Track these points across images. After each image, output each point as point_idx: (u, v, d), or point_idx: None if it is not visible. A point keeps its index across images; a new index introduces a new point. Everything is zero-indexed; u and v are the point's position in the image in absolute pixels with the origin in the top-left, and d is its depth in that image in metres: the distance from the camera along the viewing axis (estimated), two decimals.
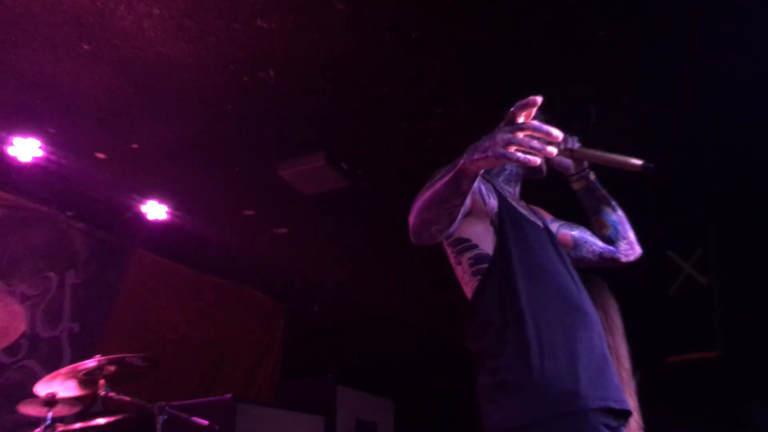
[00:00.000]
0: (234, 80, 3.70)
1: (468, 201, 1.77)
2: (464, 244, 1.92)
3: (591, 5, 3.17)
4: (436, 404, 7.22)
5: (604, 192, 2.35)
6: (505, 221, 1.94)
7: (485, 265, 1.88)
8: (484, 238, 1.92)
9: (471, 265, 1.91)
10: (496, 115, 1.96)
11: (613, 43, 3.40)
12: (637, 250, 2.34)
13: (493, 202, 1.96)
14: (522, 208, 2.15)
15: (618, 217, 2.32)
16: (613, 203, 2.34)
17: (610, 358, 1.90)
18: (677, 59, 3.52)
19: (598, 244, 2.31)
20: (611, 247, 2.30)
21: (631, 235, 2.32)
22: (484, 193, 1.93)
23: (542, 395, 1.68)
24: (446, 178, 1.60)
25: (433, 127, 4.14)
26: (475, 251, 1.91)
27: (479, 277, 1.88)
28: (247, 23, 3.27)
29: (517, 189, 2.29)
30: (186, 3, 3.12)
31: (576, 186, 2.37)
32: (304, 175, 4.57)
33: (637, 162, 2.08)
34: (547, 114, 1.91)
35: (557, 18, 3.26)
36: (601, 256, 2.31)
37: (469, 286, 1.91)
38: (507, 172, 2.25)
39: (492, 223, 1.93)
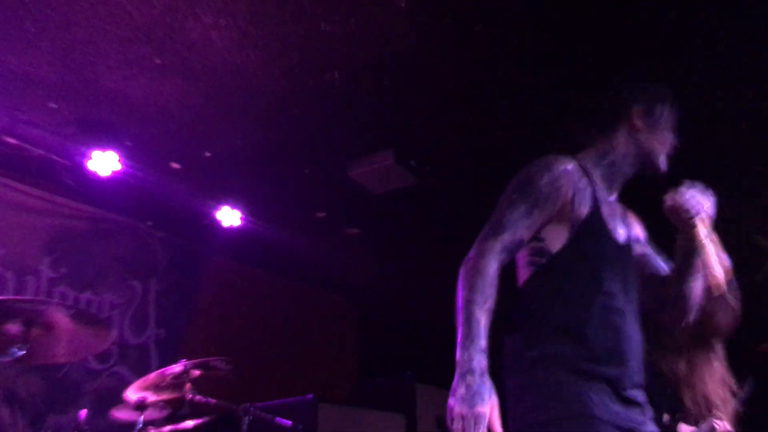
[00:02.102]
0: (300, 84, 3.75)
1: (555, 208, 1.91)
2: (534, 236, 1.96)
3: None
4: None
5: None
6: (584, 233, 1.95)
7: (543, 260, 1.93)
8: (554, 236, 1.95)
9: (530, 254, 1.95)
10: (563, 106, 1.94)
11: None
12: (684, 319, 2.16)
13: (583, 210, 1.96)
14: (613, 215, 2.05)
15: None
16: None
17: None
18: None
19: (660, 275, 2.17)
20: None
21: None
22: (576, 201, 1.95)
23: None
24: (464, 338, 1.69)
25: (500, 121, 4.09)
26: (540, 244, 1.95)
27: (533, 268, 1.94)
28: (310, 27, 3.30)
29: (617, 186, 2.13)
30: (250, 11, 3.17)
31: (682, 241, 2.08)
32: (373, 175, 4.58)
33: (719, 284, 1.88)
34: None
35: (629, 6, 3.17)
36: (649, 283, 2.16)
37: (522, 273, 1.97)
38: (613, 165, 2.10)
39: (572, 228, 1.94)
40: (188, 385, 3.39)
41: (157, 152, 4.42)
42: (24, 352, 2.33)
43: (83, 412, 3.24)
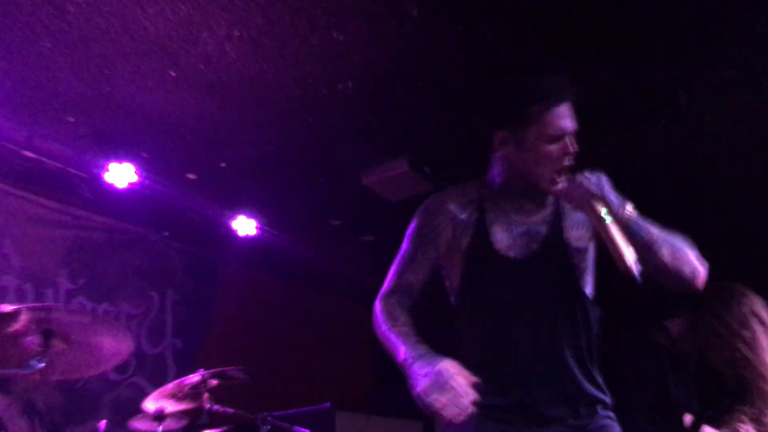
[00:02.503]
0: (313, 94, 3.76)
1: (438, 247, 2.05)
2: (443, 272, 2.12)
3: None
4: None
5: None
6: (471, 262, 2.02)
7: (452, 299, 2.09)
8: (453, 273, 2.08)
9: (448, 294, 2.13)
10: (576, 105, 1.93)
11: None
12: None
13: (465, 241, 2.02)
14: (511, 233, 2.01)
15: None
16: None
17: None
18: None
19: None
20: None
21: None
22: (458, 235, 2.03)
23: None
24: (398, 352, 1.86)
25: None
26: (448, 283, 2.11)
27: (451, 309, 2.10)
28: (323, 37, 3.32)
29: (529, 200, 2.04)
30: (263, 22, 3.20)
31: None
32: (387, 182, 4.59)
33: (631, 264, 1.81)
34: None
35: (642, 5, 3.16)
36: None
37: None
38: (504, 186, 2.05)
39: (462, 261, 2.03)
40: (206, 395, 3.40)
41: (173, 163, 4.45)
42: (43, 365, 2.34)
43: (102, 423, 3.26)
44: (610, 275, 2.00)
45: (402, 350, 1.85)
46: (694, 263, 1.88)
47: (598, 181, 1.85)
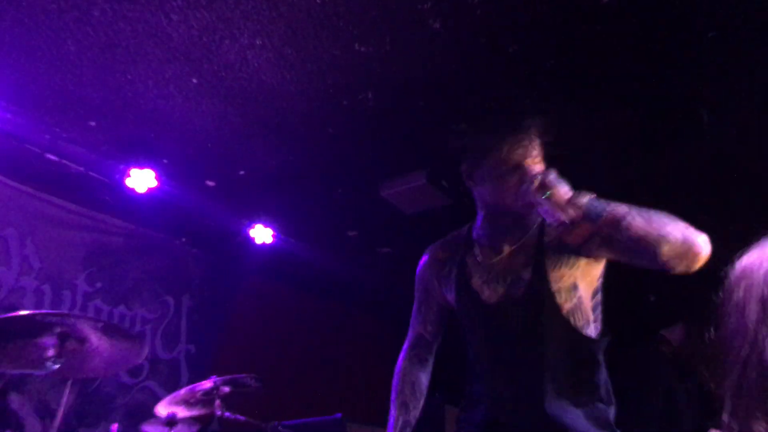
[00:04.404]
0: (334, 104, 3.78)
1: (436, 299, 2.24)
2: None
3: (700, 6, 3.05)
4: None
5: None
6: (459, 307, 2.16)
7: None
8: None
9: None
10: (598, 123, 1.92)
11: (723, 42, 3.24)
12: None
13: (451, 295, 2.18)
14: (490, 277, 2.06)
15: None
16: None
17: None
18: None
19: None
20: None
21: None
22: (444, 288, 2.21)
23: None
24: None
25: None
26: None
27: None
28: (345, 48, 3.33)
29: (507, 237, 2.07)
30: (287, 32, 3.22)
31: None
32: (405, 195, 4.59)
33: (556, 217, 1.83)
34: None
35: (665, 22, 3.15)
36: None
37: None
38: (483, 223, 2.14)
39: (454, 305, 2.20)
40: (218, 402, 3.41)
41: (192, 170, 4.48)
42: (58, 366, 2.37)
43: (114, 427, 3.28)
44: (609, 290, 2.01)
45: None
46: (684, 229, 1.75)
47: (543, 173, 1.88)
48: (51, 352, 2.40)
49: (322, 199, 4.87)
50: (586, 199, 1.81)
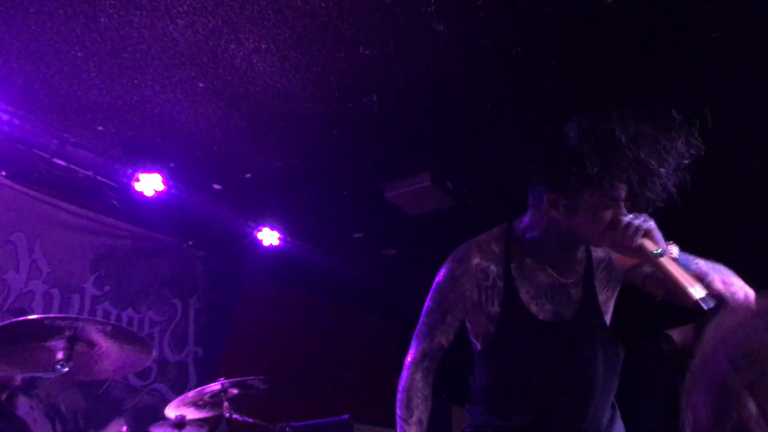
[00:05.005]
0: (338, 107, 3.80)
1: (466, 308, 2.07)
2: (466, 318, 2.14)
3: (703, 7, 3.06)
4: None
5: None
6: (502, 323, 2.04)
7: (477, 345, 2.14)
8: (478, 323, 2.10)
9: (470, 335, 2.17)
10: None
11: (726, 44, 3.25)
12: None
13: (494, 310, 2.04)
14: (537, 293, 2.03)
15: None
16: None
17: None
18: None
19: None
20: None
21: None
22: (483, 300, 2.05)
23: None
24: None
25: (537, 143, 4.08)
26: (472, 327, 2.13)
27: (474, 350, 2.16)
28: (350, 51, 3.35)
29: (553, 258, 2.03)
30: (292, 36, 3.24)
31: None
32: (410, 196, 4.61)
33: (695, 296, 1.77)
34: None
35: (667, 24, 3.16)
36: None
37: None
38: (539, 242, 2.03)
39: (490, 320, 2.05)
40: (226, 404, 3.43)
41: (199, 173, 4.51)
42: (67, 369, 2.39)
43: (124, 429, 3.30)
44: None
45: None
46: (744, 287, 1.90)
47: (645, 220, 1.83)
48: (60, 356, 2.42)
49: (328, 201, 4.90)
50: (676, 250, 1.86)
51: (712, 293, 1.81)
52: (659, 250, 1.80)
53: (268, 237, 5.16)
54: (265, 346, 5.65)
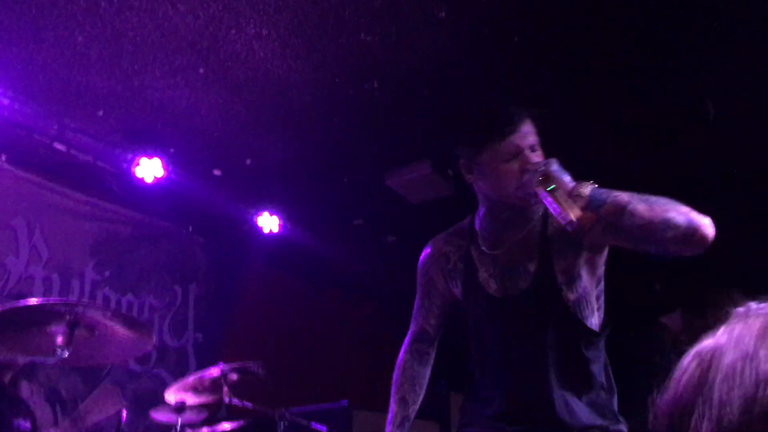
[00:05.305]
0: (339, 94, 3.79)
1: (439, 292, 2.20)
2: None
3: None
4: None
5: None
6: (466, 301, 2.15)
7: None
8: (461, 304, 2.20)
9: None
10: (602, 118, 1.92)
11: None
12: None
13: (457, 289, 2.17)
14: (496, 271, 2.05)
15: None
16: None
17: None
18: None
19: None
20: None
21: None
22: (450, 282, 2.19)
23: None
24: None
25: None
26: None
27: None
28: (351, 37, 3.34)
29: (507, 232, 2.05)
30: (292, 22, 3.23)
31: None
32: (411, 184, 4.61)
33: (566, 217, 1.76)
34: None
35: (669, 11, 3.15)
36: None
37: None
38: (485, 216, 2.09)
39: (460, 299, 2.18)
40: (225, 389, 3.44)
41: (199, 159, 4.51)
42: (68, 353, 2.40)
43: (124, 413, 3.31)
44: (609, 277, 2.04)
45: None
46: (688, 213, 1.73)
47: (545, 163, 1.84)
48: (60, 340, 2.42)
49: (328, 187, 4.90)
50: (588, 188, 1.78)
51: (639, 224, 1.73)
52: (552, 187, 1.79)
53: (269, 223, 5.16)
54: (265, 332, 5.67)
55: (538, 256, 2.01)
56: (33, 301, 2.50)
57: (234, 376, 3.48)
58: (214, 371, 3.41)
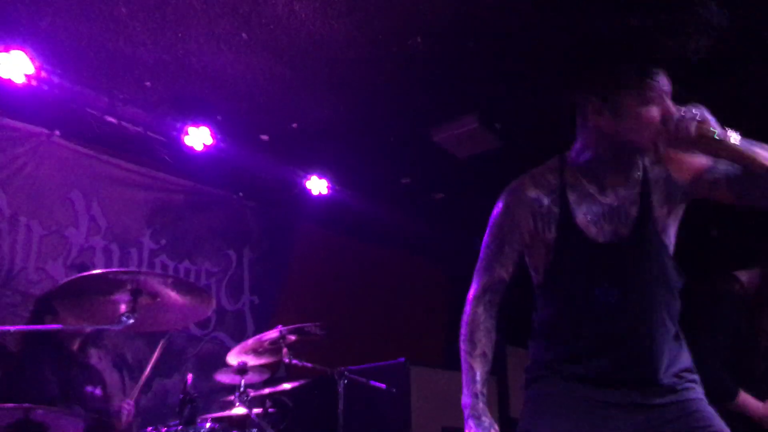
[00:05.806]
0: (383, 51, 3.75)
1: (523, 238, 2.03)
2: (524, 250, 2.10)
3: None
4: None
5: None
6: (560, 249, 2.02)
7: (536, 278, 2.11)
8: (537, 254, 2.07)
9: (530, 270, 2.13)
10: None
11: None
12: None
13: (551, 236, 2.02)
14: (597, 216, 1.98)
15: None
16: None
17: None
18: None
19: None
20: None
21: None
22: (539, 227, 2.03)
23: None
24: (463, 390, 2.02)
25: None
26: (531, 260, 2.10)
27: (534, 284, 2.13)
28: None
29: (613, 175, 1.99)
30: None
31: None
32: (457, 139, 4.57)
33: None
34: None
35: None
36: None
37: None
38: (592, 162, 1.99)
39: (547, 248, 2.03)
40: (285, 350, 3.51)
41: (246, 125, 4.54)
42: (133, 320, 2.47)
43: (189, 376, 3.41)
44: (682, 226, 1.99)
45: (465, 393, 2.01)
46: None
47: (699, 110, 1.78)
48: (125, 308, 2.49)
49: (375, 147, 4.88)
50: (736, 135, 1.77)
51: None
52: (714, 132, 1.74)
53: (317, 186, 5.19)
54: (320, 293, 5.75)
55: (640, 201, 1.97)
56: (97, 271, 2.57)
57: (292, 337, 3.54)
58: (273, 333, 3.47)
